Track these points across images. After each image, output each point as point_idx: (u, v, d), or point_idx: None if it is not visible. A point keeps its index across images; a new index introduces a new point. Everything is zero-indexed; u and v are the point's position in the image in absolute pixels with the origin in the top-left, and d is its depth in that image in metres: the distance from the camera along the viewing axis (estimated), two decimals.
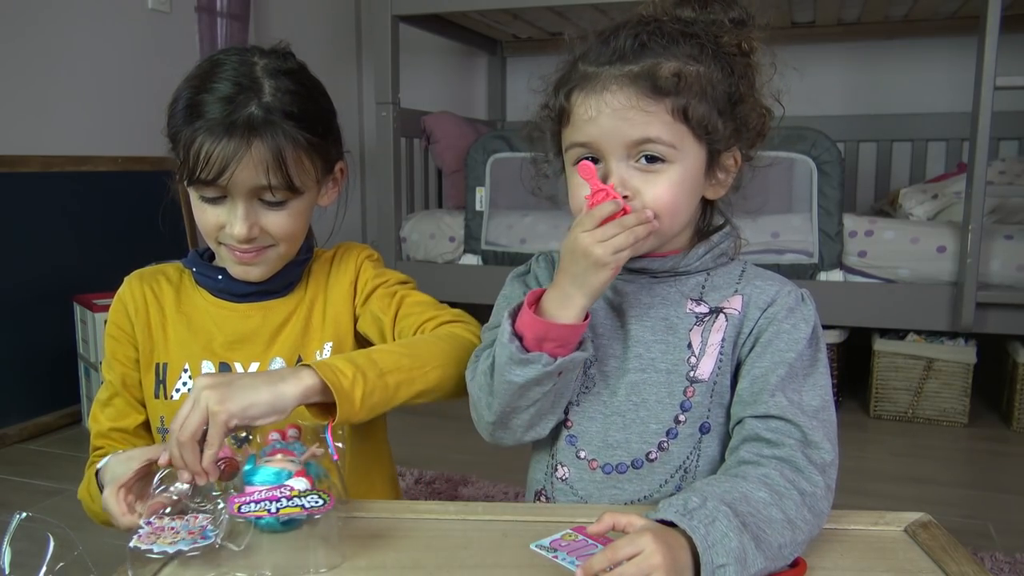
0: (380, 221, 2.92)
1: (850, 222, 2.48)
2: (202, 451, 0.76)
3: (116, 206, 2.60)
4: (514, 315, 0.79)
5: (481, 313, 1.19)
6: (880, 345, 2.51)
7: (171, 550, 0.68)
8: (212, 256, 1.02)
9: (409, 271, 1.09)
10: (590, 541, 0.74)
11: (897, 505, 0.81)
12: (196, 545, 0.69)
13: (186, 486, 0.76)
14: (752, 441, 0.79)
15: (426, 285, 1.09)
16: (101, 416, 1.00)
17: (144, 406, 1.01)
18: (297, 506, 0.70)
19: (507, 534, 0.77)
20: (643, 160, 0.79)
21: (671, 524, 0.67)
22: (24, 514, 0.68)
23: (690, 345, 0.84)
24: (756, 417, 0.79)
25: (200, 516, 0.73)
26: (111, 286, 2.51)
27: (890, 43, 3.24)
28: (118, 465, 0.83)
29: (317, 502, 0.70)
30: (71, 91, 2.52)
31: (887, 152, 3.33)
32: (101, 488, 0.85)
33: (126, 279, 1.03)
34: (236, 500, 0.71)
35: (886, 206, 2.97)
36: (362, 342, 1.02)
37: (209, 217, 0.92)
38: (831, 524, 0.78)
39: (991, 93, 2.18)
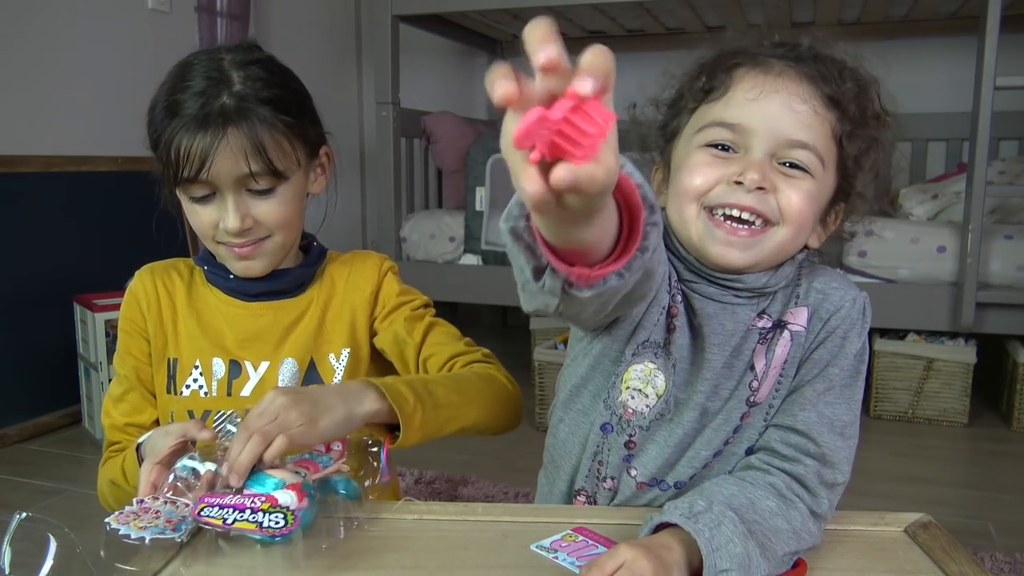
0: (380, 221, 2.92)
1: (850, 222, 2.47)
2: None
3: (116, 206, 2.60)
4: None
5: (481, 313, 1.18)
6: (880, 345, 2.50)
7: (134, 535, 0.67)
8: None
9: (409, 271, 1.09)
10: (590, 542, 0.74)
11: (897, 505, 0.81)
12: (161, 536, 0.67)
13: (213, 467, 0.74)
14: (766, 451, 0.78)
15: (426, 285, 1.09)
16: (115, 412, 0.99)
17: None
18: (254, 523, 0.67)
19: (507, 535, 0.77)
20: (786, 164, 0.74)
21: (674, 526, 0.67)
22: (24, 514, 0.68)
23: (752, 367, 0.79)
24: (779, 428, 0.78)
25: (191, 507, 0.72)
26: (111, 286, 2.52)
27: (890, 43, 3.24)
28: (158, 439, 0.81)
29: (277, 522, 0.67)
30: (71, 91, 2.52)
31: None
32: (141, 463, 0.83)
33: (137, 272, 1.02)
34: (205, 500, 0.69)
35: (886, 206, 2.97)
36: (375, 355, 1.02)
37: (202, 218, 0.92)
38: (832, 524, 0.79)
39: (991, 93, 2.18)
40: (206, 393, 0.96)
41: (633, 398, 0.80)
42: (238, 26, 3.04)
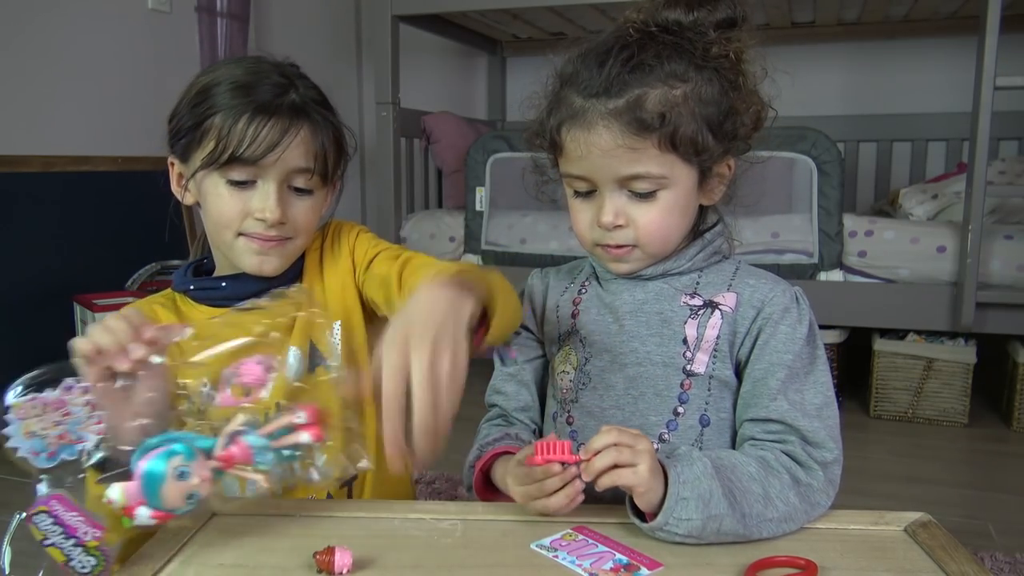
0: (380, 221, 2.92)
1: (850, 222, 2.48)
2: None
3: (116, 206, 2.60)
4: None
5: None
6: (880, 345, 2.51)
7: (11, 441, 0.62)
8: (206, 271, 1.01)
9: None
10: (590, 541, 0.74)
11: (897, 505, 0.81)
12: (31, 457, 0.63)
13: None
14: (751, 440, 0.82)
15: None
16: None
17: None
18: (64, 555, 0.63)
19: (507, 534, 0.77)
20: (635, 193, 0.81)
21: None
22: (24, 514, 0.68)
23: (685, 340, 0.85)
24: (756, 420, 0.82)
25: (88, 421, 0.65)
26: (111, 286, 2.51)
27: (890, 43, 3.24)
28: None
29: (83, 567, 0.63)
30: (71, 91, 2.52)
31: (887, 152, 3.32)
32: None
33: (127, 310, 1.00)
34: (52, 503, 0.64)
35: (886, 206, 2.97)
36: (368, 311, 1.02)
37: (232, 204, 0.91)
38: (831, 524, 0.79)
39: (991, 93, 2.18)
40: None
41: (562, 379, 0.90)
42: (238, 26, 3.04)
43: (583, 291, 0.92)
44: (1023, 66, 2.33)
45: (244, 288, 0.96)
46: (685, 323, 0.85)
